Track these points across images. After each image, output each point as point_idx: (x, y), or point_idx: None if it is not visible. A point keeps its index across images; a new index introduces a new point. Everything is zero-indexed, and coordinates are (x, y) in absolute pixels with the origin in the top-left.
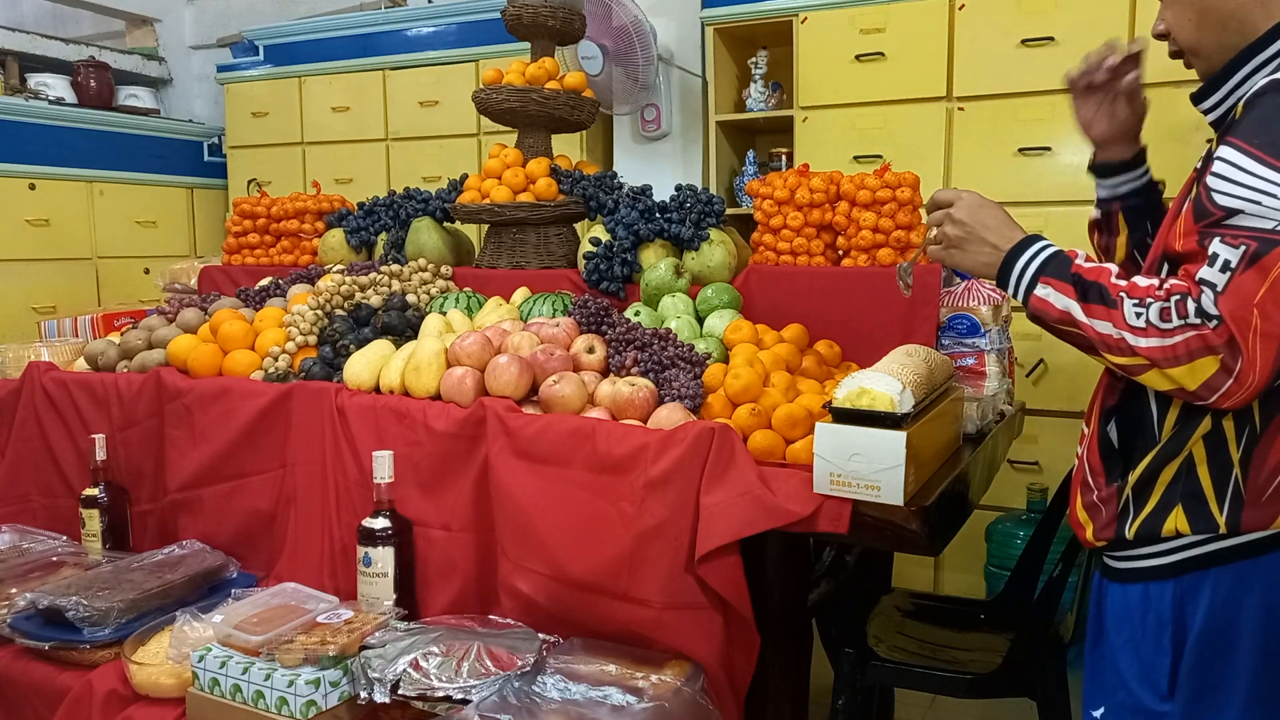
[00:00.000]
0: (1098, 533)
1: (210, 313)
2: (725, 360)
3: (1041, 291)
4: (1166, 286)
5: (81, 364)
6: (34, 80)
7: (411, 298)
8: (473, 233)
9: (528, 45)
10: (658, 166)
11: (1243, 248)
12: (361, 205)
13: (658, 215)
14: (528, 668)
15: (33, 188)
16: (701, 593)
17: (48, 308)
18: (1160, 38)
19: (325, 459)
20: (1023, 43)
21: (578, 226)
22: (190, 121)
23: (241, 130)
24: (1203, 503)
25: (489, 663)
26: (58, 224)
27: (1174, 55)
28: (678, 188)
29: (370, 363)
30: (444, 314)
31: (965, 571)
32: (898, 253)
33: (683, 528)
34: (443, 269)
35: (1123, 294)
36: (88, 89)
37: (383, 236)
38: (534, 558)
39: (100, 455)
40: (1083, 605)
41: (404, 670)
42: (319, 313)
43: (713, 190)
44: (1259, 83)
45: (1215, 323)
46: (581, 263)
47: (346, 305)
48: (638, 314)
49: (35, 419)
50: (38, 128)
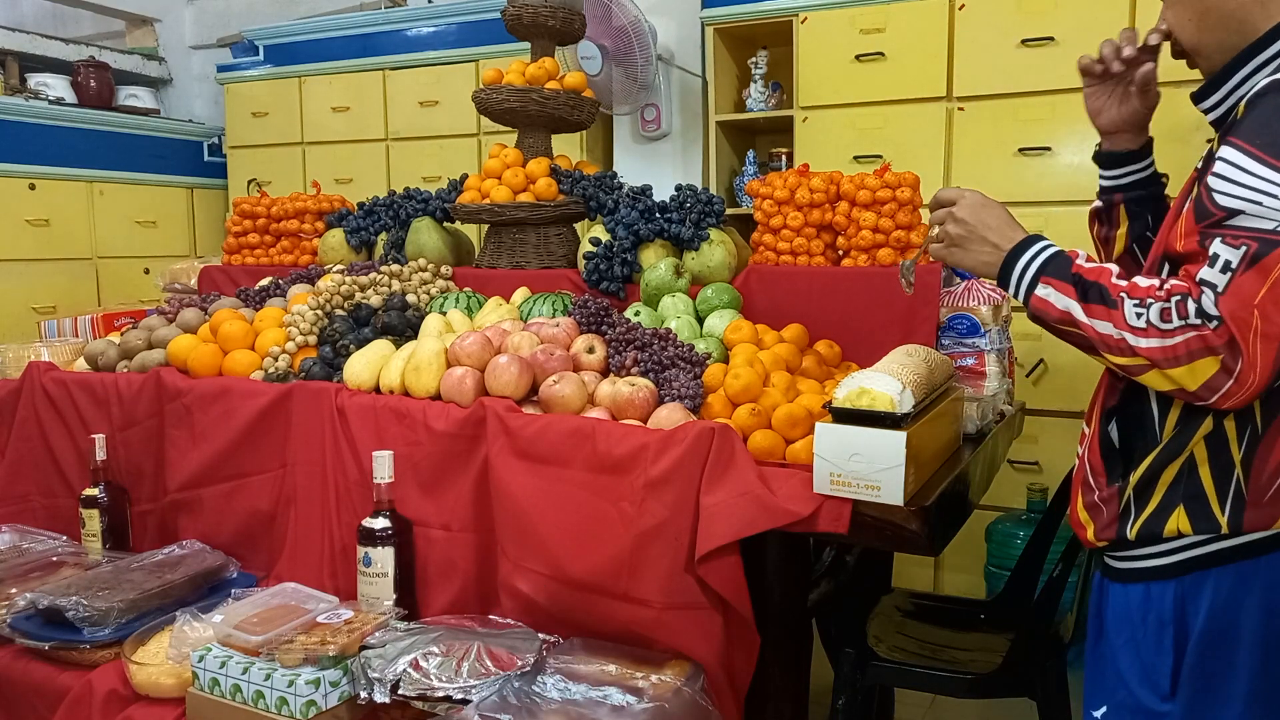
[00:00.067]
0: (1099, 533)
1: (210, 313)
2: (725, 360)
3: (1042, 291)
4: (1167, 287)
5: (81, 364)
6: (34, 80)
7: (411, 298)
8: (473, 233)
9: (528, 45)
10: (658, 166)
11: (1243, 248)
12: (361, 205)
13: (658, 215)
14: (528, 668)
15: (33, 188)
16: (701, 593)
17: (48, 308)
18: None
19: (325, 459)
20: (1023, 43)
21: (578, 226)
22: (190, 121)
23: (241, 130)
24: (1204, 503)
25: (489, 663)
26: (58, 224)
27: (1177, 55)
28: (678, 188)
29: (370, 363)
30: (444, 314)
31: (965, 571)
32: (898, 253)
33: (683, 528)
34: (443, 269)
35: (1123, 294)
36: (88, 89)
37: (383, 236)
38: (534, 558)
39: (100, 455)
40: (1083, 605)
41: (404, 670)
42: (319, 313)
43: (713, 190)
44: (1260, 83)
45: (1215, 323)
46: (581, 263)
47: (346, 305)
48: (638, 314)
49: (35, 419)
50: (38, 128)
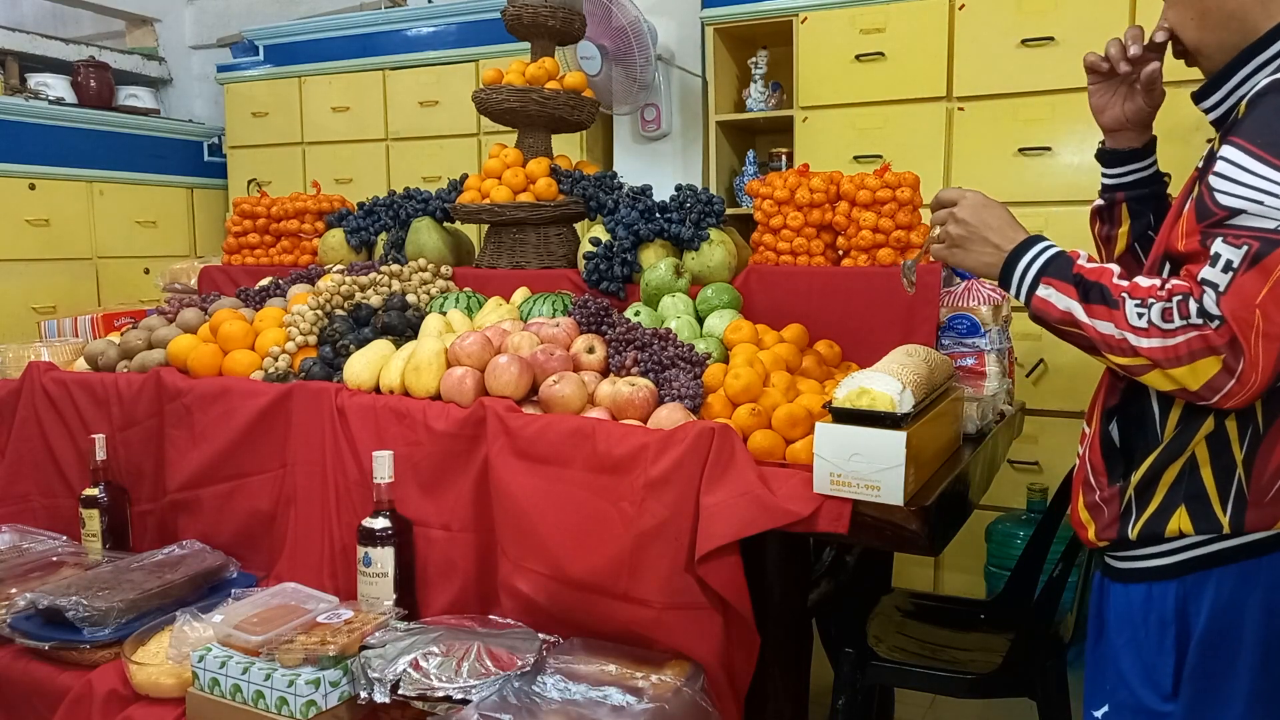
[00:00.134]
0: (1100, 533)
1: (210, 313)
2: (725, 360)
3: (1043, 292)
4: (1168, 287)
5: (81, 364)
6: (34, 80)
7: (411, 298)
8: (473, 233)
9: (528, 45)
10: (658, 166)
11: (1245, 248)
12: (361, 205)
13: (658, 215)
14: (528, 668)
15: (33, 188)
16: (701, 593)
17: (48, 308)
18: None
19: (325, 459)
20: (1023, 43)
21: (578, 226)
22: (190, 121)
23: (241, 130)
24: (1206, 503)
25: (489, 663)
26: (58, 224)
27: (1177, 55)
28: (678, 188)
29: (370, 363)
30: (444, 314)
31: (965, 571)
32: (898, 253)
33: (683, 528)
34: (443, 269)
35: (1124, 294)
36: (88, 89)
37: (383, 236)
38: (534, 558)
39: (100, 455)
40: (1083, 605)
41: (404, 670)
42: (319, 313)
43: (713, 190)
44: (1261, 82)
45: (1217, 323)
46: (581, 263)
47: (346, 305)
48: (638, 314)
49: (35, 419)
50: (38, 128)
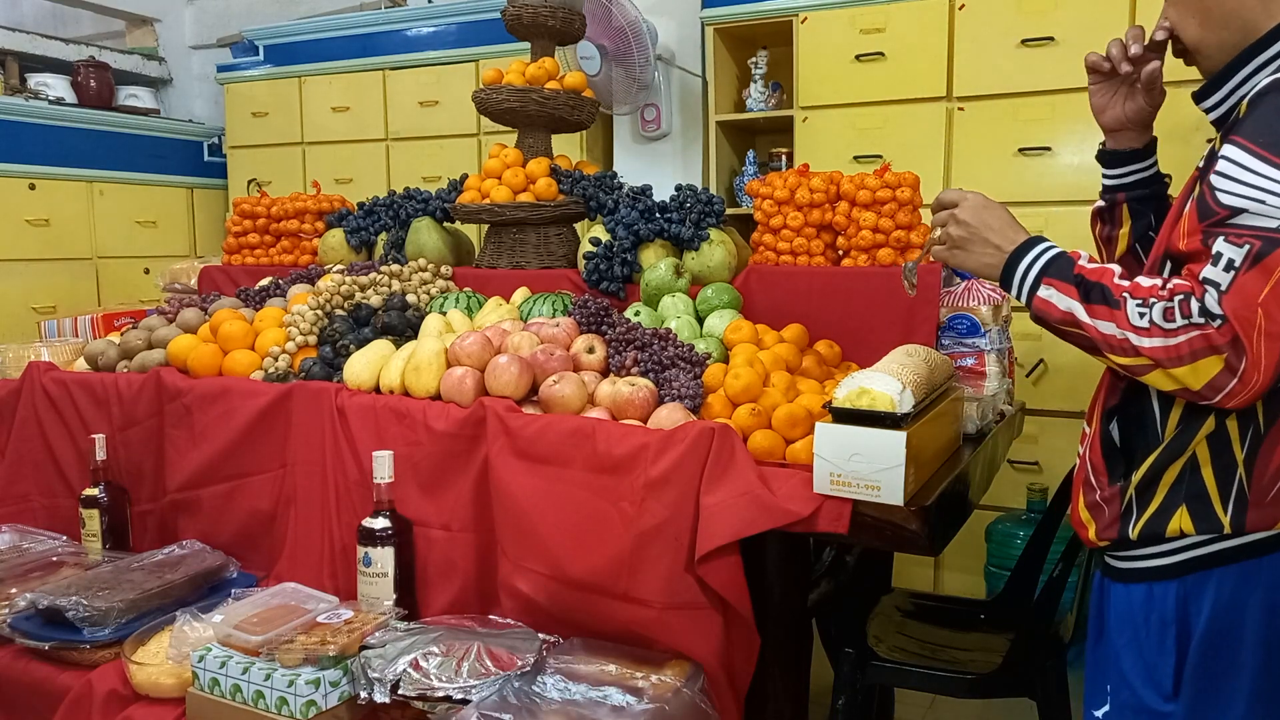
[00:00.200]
0: (1100, 532)
1: (210, 313)
2: (725, 360)
3: (1044, 293)
4: (1170, 286)
5: (81, 364)
6: (34, 80)
7: (411, 298)
8: (473, 233)
9: (528, 45)
10: (658, 166)
11: (1246, 246)
12: (361, 205)
13: (658, 215)
14: (528, 668)
15: (33, 188)
16: (701, 593)
17: (48, 308)
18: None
19: (325, 459)
20: (1023, 43)
21: (578, 226)
22: (190, 121)
23: (241, 130)
24: (1207, 503)
25: (489, 663)
26: (58, 224)
27: (1177, 54)
28: (678, 188)
29: (370, 363)
30: (444, 314)
31: (965, 571)
32: (898, 253)
33: (683, 528)
34: (443, 269)
35: (1126, 294)
36: (88, 89)
37: (383, 236)
38: (534, 558)
39: (100, 455)
40: (1083, 605)
41: (404, 670)
42: (319, 313)
43: (713, 190)
44: (1261, 82)
45: (1219, 322)
46: (581, 263)
47: (346, 305)
48: (638, 314)
49: (35, 419)
50: (38, 128)
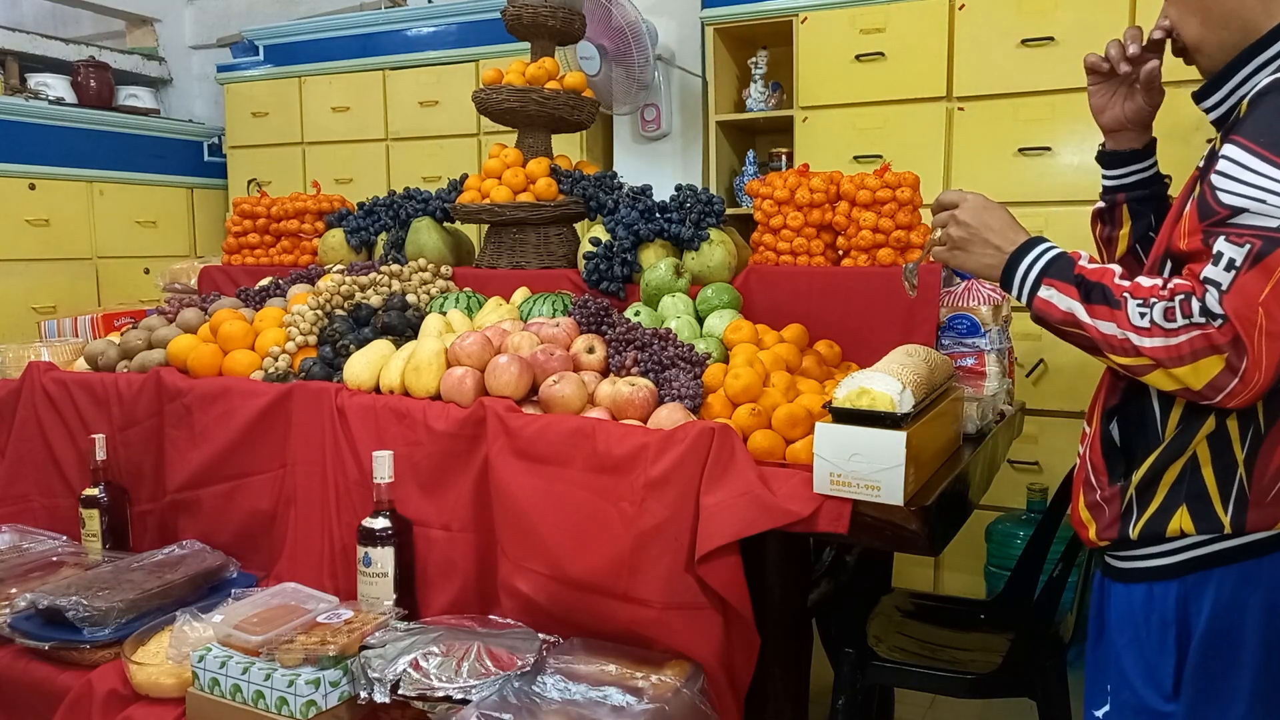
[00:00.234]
0: (1101, 532)
1: (210, 313)
2: (725, 360)
3: (1045, 293)
4: (1170, 286)
5: (81, 364)
6: (34, 80)
7: (411, 298)
8: (473, 233)
9: (528, 45)
10: (658, 166)
11: (1247, 246)
12: (361, 205)
13: (658, 215)
14: (528, 668)
15: (33, 188)
16: (701, 593)
17: (48, 308)
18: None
19: (325, 459)
20: (1023, 43)
21: (578, 226)
22: (190, 121)
23: (241, 130)
24: (1207, 503)
25: (489, 663)
26: (58, 224)
27: (1177, 53)
28: (678, 188)
29: (370, 363)
30: (444, 314)
31: (965, 571)
32: (898, 253)
33: (683, 528)
34: (443, 269)
35: (1126, 294)
36: (88, 89)
37: (383, 236)
38: (534, 558)
39: (100, 455)
40: (1083, 605)
41: (404, 670)
42: (319, 313)
43: (713, 190)
44: (1262, 82)
45: (1220, 322)
46: (581, 263)
47: (346, 305)
48: (638, 314)
49: (35, 419)
50: (38, 128)
